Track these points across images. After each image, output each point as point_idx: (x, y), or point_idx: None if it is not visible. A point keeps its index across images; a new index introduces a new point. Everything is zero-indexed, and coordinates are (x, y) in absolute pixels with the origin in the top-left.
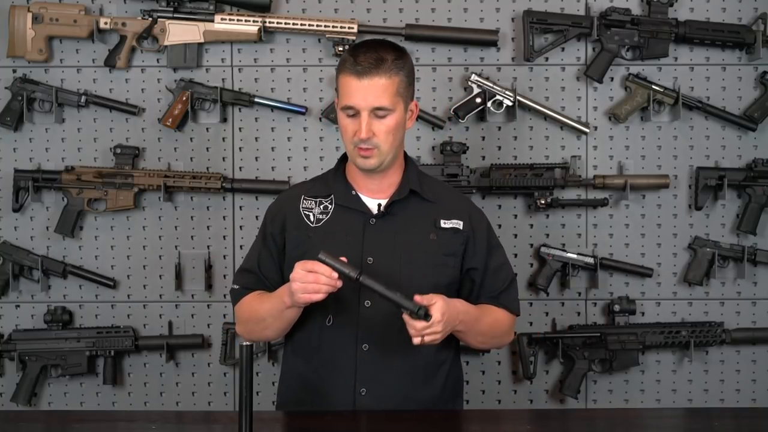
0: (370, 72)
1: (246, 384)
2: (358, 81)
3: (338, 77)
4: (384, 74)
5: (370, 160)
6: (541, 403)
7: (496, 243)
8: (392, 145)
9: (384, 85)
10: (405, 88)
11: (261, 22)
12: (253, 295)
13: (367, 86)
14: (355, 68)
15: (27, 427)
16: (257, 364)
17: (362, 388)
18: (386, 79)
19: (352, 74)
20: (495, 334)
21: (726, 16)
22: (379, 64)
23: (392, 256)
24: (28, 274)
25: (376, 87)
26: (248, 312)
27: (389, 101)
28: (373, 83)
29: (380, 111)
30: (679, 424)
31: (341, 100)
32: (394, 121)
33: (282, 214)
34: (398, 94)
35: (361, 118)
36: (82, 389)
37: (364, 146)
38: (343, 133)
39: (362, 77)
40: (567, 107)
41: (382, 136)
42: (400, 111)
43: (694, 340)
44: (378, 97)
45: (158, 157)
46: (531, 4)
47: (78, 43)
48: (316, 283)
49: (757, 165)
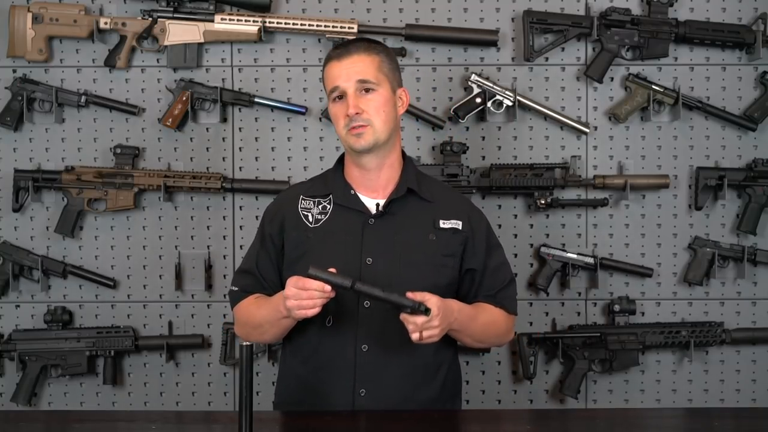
0: (348, 52)
1: (246, 384)
2: (339, 62)
3: (323, 71)
4: (363, 52)
5: (363, 138)
6: (541, 403)
7: (495, 243)
8: (384, 122)
9: (364, 61)
10: (388, 68)
11: (261, 22)
12: (251, 299)
13: (347, 64)
14: (335, 52)
15: (27, 427)
16: (257, 364)
17: (361, 389)
18: (366, 56)
19: (333, 60)
20: (492, 334)
21: (726, 16)
22: (357, 44)
23: (391, 256)
24: (28, 274)
25: (356, 63)
26: (246, 316)
27: (372, 75)
28: (352, 60)
29: (365, 84)
30: (679, 424)
31: (328, 87)
32: (382, 98)
33: (280, 214)
34: (380, 72)
35: (348, 96)
36: (82, 389)
37: (355, 124)
38: (335, 121)
39: (342, 58)
40: (567, 107)
41: (373, 111)
42: (386, 89)
43: (694, 340)
44: (359, 71)
45: (158, 157)
46: (531, 4)
47: (78, 43)
48: (310, 299)
49: (757, 165)
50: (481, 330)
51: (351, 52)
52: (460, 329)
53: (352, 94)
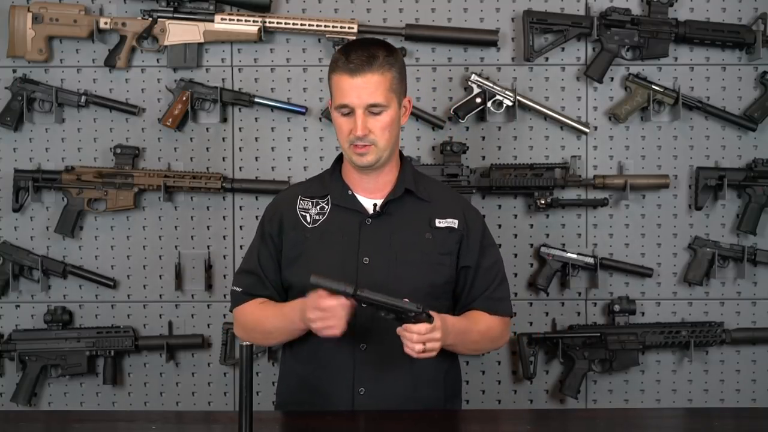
0: (362, 69)
1: (246, 384)
2: (351, 79)
3: (331, 77)
4: (377, 71)
5: (366, 156)
6: (541, 403)
7: (489, 242)
8: (388, 141)
9: (377, 82)
10: (398, 84)
11: (261, 22)
12: (256, 304)
13: (360, 84)
14: (347, 66)
15: (27, 427)
16: (257, 364)
17: (361, 388)
18: (379, 76)
19: (344, 72)
20: (487, 341)
21: (726, 16)
22: (371, 61)
23: (388, 255)
24: (28, 274)
25: (369, 84)
26: (252, 322)
27: (383, 98)
28: (366, 80)
29: (375, 108)
30: (679, 424)
31: (335, 99)
32: (389, 118)
33: (279, 214)
34: (391, 90)
35: (356, 116)
36: (82, 389)
37: (360, 143)
38: (339, 132)
39: (355, 75)
40: (567, 107)
41: (378, 132)
42: (394, 107)
43: (694, 340)
44: (371, 93)
45: (158, 157)
46: (531, 4)
47: (78, 43)
48: (335, 317)
49: (757, 165)
50: (477, 339)
51: (365, 71)
52: (456, 343)
53: (360, 115)
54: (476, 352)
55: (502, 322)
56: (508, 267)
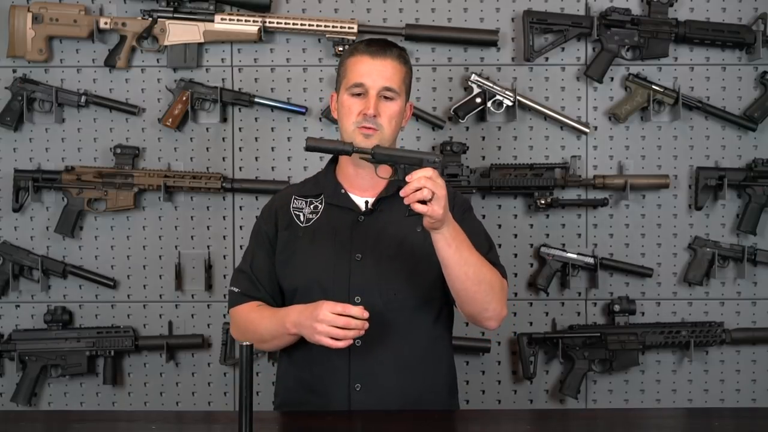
0: (383, 53)
1: (246, 384)
2: (372, 60)
3: (346, 61)
4: (396, 59)
5: (371, 138)
6: (541, 403)
7: (471, 216)
8: (393, 131)
9: (395, 67)
10: (408, 80)
11: (261, 22)
12: (252, 307)
13: (380, 66)
14: (368, 49)
15: (27, 427)
16: (257, 364)
17: (357, 384)
18: (397, 63)
19: (365, 54)
20: (485, 279)
21: (726, 16)
22: (391, 48)
23: (380, 251)
24: (28, 274)
25: (387, 68)
26: (246, 325)
27: (397, 84)
28: (386, 63)
29: (389, 92)
30: (679, 424)
31: (349, 79)
32: (398, 107)
33: (274, 214)
34: (403, 83)
35: (369, 96)
36: (82, 389)
37: (367, 124)
38: (346, 113)
39: (376, 57)
40: (567, 107)
41: (386, 118)
42: (402, 100)
43: (694, 340)
44: (389, 78)
45: (158, 157)
46: (531, 4)
47: (78, 43)
48: (346, 327)
49: (757, 165)
50: (476, 263)
51: (386, 55)
52: (457, 245)
53: (374, 96)
54: (471, 287)
55: (501, 278)
56: (508, 267)
